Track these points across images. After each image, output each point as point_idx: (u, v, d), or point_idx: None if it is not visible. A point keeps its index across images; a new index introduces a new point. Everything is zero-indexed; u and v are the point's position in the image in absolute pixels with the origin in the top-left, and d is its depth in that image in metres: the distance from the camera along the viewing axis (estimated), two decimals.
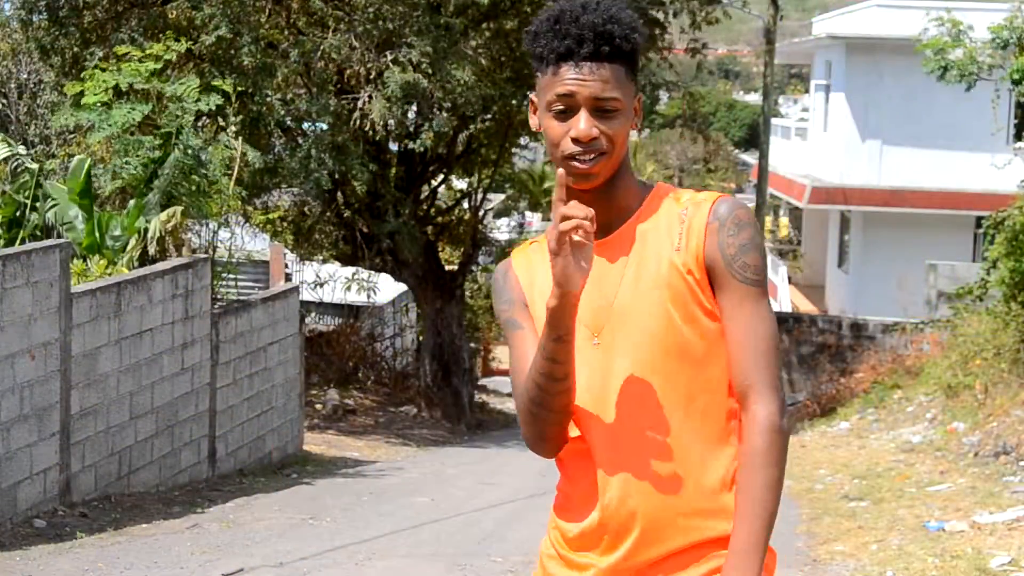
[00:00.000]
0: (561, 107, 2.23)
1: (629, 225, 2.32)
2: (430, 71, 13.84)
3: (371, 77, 14.32)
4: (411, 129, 15.23)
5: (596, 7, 2.23)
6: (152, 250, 9.59)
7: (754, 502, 2.21)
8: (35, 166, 10.25)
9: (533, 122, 2.35)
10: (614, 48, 2.21)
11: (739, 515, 2.22)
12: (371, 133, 14.68)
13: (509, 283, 2.43)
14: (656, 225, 2.31)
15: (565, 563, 2.36)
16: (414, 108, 14.89)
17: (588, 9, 2.23)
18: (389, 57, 13.95)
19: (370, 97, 14.08)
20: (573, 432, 2.33)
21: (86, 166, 9.95)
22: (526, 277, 2.42)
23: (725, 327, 2.27)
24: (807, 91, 37.22)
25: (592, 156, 2.22)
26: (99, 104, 10.40)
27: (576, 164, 2.23)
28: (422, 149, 15.29)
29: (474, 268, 20.92)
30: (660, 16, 17.63)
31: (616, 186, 2.31)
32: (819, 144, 26.70)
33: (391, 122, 14.38)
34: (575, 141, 2.22)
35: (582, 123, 2.21)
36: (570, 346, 2.21)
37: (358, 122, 14.22)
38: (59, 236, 9.57)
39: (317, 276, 18.74)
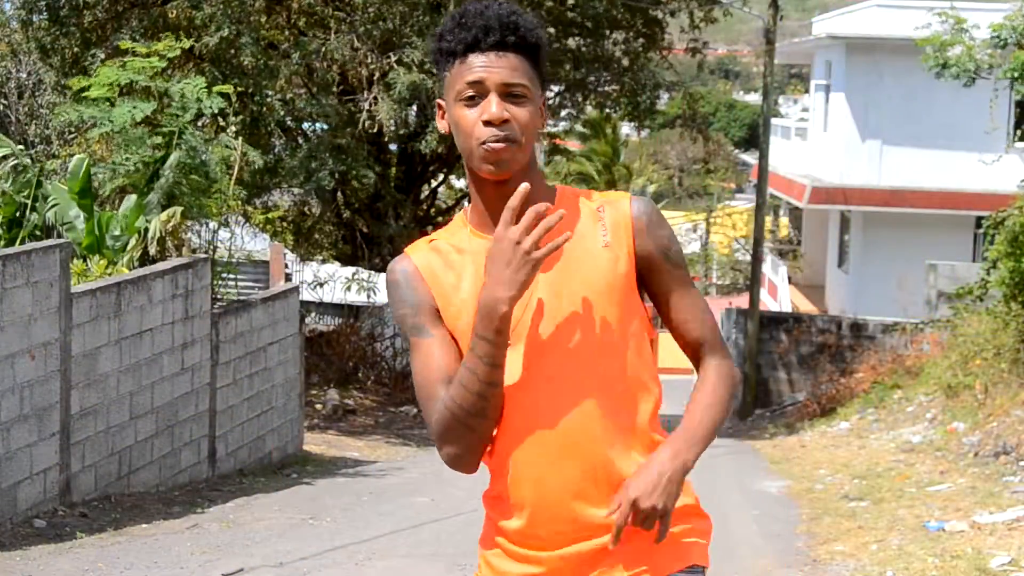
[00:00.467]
0: (471, 94, 2.27)
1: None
2: (433, 71, 13.85)
3: (375, 78, 14.32)
4: (412, 129, 15.24)
5: (500, 5, 2.31)
6: (152, 250, 9.59)
7: (703, 407, 2.35)
8: (35, 166, 10.25)
9: (441, 125, 2.39)
10: (519, 38, 2.28)
11: (688, 413, 2.35)
12: (377, 134, 14.70)
13: (413, 285, 2.36)
14: (573, 222, 2.34)
15: (511, 556, 2.36)
16: (413, 109, 14.89)
17: (491, 7, 2.30)
18: (393, 58, 13.96)
19: (375, 98, 14.09)
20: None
21: (85, 165, 9.95)
22: (435, 278, 2.36)
23: (671, 307, 2.39)
24: (807, 91, 37.23)
25: (504, 139, 2.25)
26: (102, 100, 10.40)
27: (489, 147, 2.25)
28: (427, 150, 15.30)
29: None
30: (659, 15, 17.64)
31: (529, 182, 2.28)
32: (819, 144, 26.70)
33: (395, 122, 14.39)
34: (487, 124, 2.25)
35: (493, 105, 2.25)
36: (507, 349, 2.23)
37: (366, 123, 14.22)
38: (59, 236, 9.57)
39: (317, 276, 18.73)
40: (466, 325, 2.30)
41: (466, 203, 2.59)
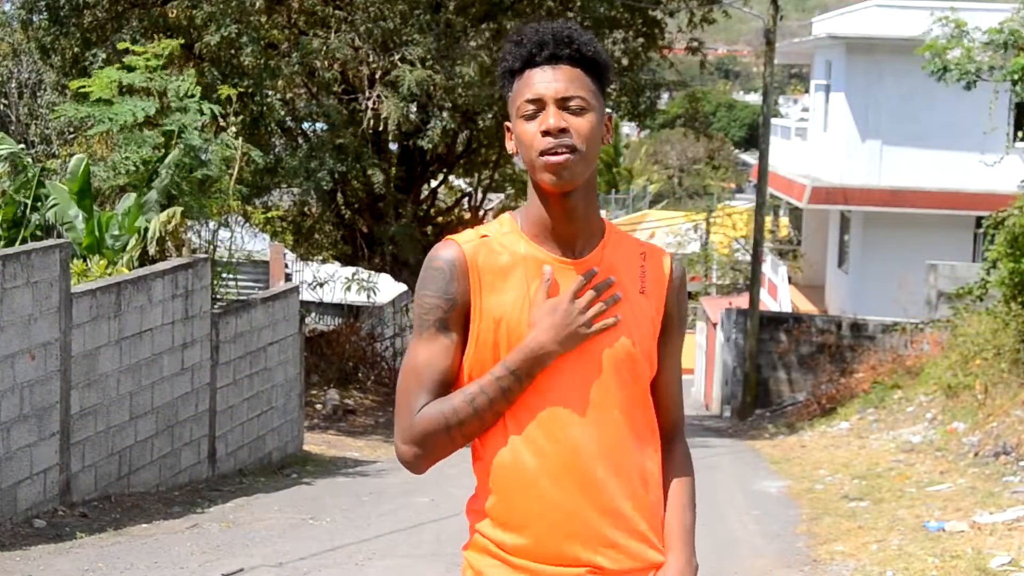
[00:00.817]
0: (531, 109, 2.30)
1: (597, 253, 2.38)
2: (437, 67, 13.86)
3: (377, 76, 14.32)
4: (413, 128, 15.23)
5: (556, 23, 2.37)
6: (152, 250, 9.58)
7: (684, 508, 2.43)
8: (36, 166, 10.25)
9: (509, 147, 2.40)
10: (573, 51, 2.31)
11: (674, 508, 2.43)
12: (376, 134, 14.69)
13: (456, 278, 2.35)
14: (622, 261, 2.41)
15: (510, 566, 2.37)
16: (414, 108, 14.89)
17: (548, 24, 2.36)
18: (396, 56, 13.96)
19: (379, 96, 14.08)
20: (508, 452, 2.34)
21: (85, 165, 9.95)
22: (478, 272, 2.34)
23: (663, 371, 2.46)
24: (807, 91, 37.23)
25: (565, 150, 2.27)
26: (101, 100, 10.40)
27: (549, 158, 2.27)
28: (430, 146, 15.30)
29: None
30: (658, 15, 17.65)
31: (590, 202, 2.37)
32: (819, 144, 26.70)
33: (399, 120, 14.38)
34: (545, 134, 2.27)
35: (551, 116, 2.28)
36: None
37: (371, 122, 14.22)
38: (59, 236, 9.57)
39: (316, 276, 18.73)
40: (500, 332, 2.32)
41: (504, 212, 2.59)
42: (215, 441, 10.13)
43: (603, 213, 2.64)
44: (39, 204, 9.96)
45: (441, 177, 19.41)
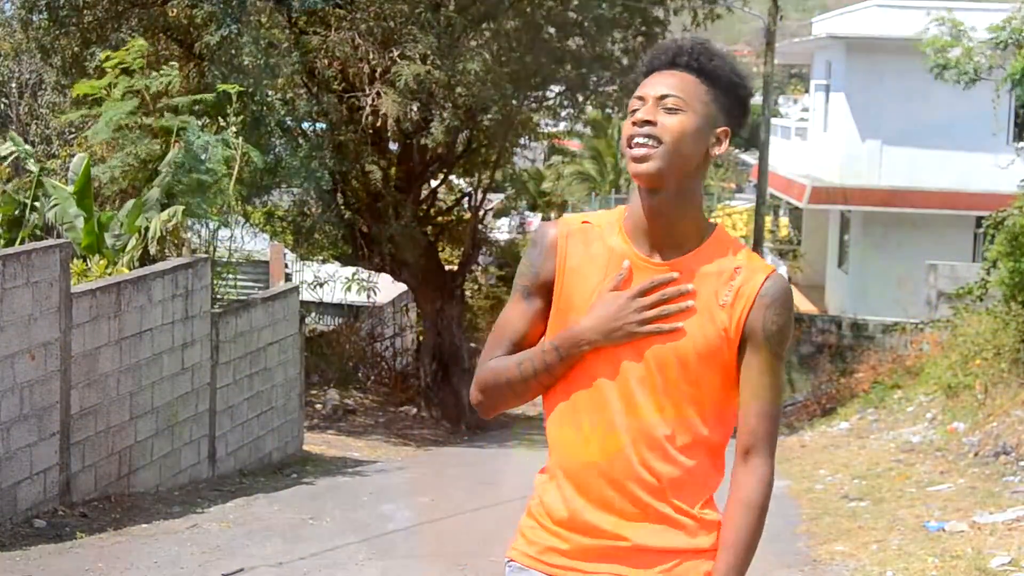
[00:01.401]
0: (635, 107, 2.41)
1: (689, 259, 2.44)
2: (439, 63, 13.85)
3: (377, 74, 14.32)
4: (414, 127, 15.22)
5: (690, 37, 2.51)
6: (152, 249, 9.58)
7: (738, 536, 2.44)
8: (36, 166, 10.25)
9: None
10: (692, 59, 2.42)
11: (725, 544, 2.44)
12: (377, 133, 14.67)
13: (548, 252, 2.51)
14: (711, 272, 2.44)
15: (551, 533, 2.49)
16: (415, 106, 14.88)
17: (682, 37, 2.52)
18: (396, 53, 13.96)
19: (378, 93, 14.07)
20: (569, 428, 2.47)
21: (85, 165, 9.95)
22: (566, 255, 2.49)
23: (743, 385, 2.46)
24: (807, 91, 37.22)
25: (647, 140, 2.35)
26: (97, 102, 10.41)
27: (633, 150, 2.37)
28: (432, 144, 15.28)
29: (474, 268, 20.90)
30: (660, 15, 17.63)
31: (684, 209, 2.43)
32: (819, 144, 26.69)
33: (399, 117, 14.36)
34: (632, 125, 2.38)
35: (642, 110, 2.39)
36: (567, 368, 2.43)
37: (369, 119, 14.21)
38: (59, 236, 9.56)
39: (317, 276, 18.72)
40: (570, 314, 2.46)
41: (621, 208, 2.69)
42: (215, 441, 10.13)
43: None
44: (39, 204, 9.97)
45: (441, 177, 19.39)
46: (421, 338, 19.51)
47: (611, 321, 2.37)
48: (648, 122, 2.36)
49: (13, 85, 18.05)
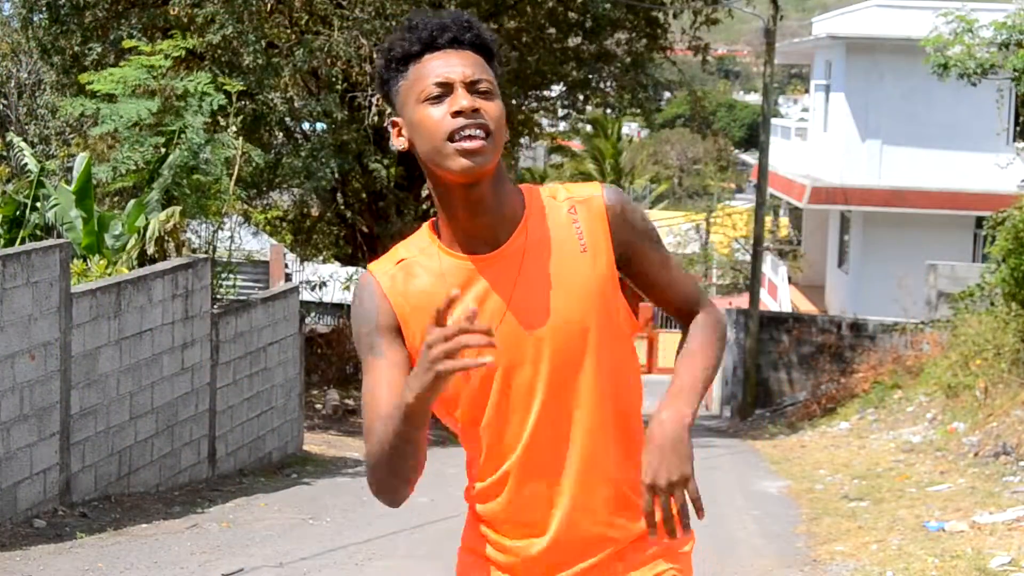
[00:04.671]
0: (436, 92, 2.16)
1: (517, 235, 2.23)
2: None
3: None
4: None
5: (450, 10, 2.30)
6: (151, 249, 9.58)
7: (693, 354, 2.32)
8: (36, 166, 10.26)
9: (398, 143, 2.24)
10: (475, 35, 2.21)
11: (680, 364, 2.31)
12: (376, 133, 14.68)
13: (375, 305, 2.23)
14: (551, 230, 2.25)
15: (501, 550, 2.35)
16: None
17: (443, 12, 2.27)
18: None
19: None
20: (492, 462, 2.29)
21: (85, 165, 9.95)
22: (400, 299, 2.23)
23: (653, 283, 2.35)
24: (807, 91, 37.23)
25: (479, 132, 2.13)
26: (105, 95, 10.39)
27: (464, 143, 2.12)
28: None
29: None
30: (661, 17, 17.65)
31: (498, 188, 2.21)
32: (819, 144, 26.69)
33: None
34: (457, 115, 2.13)
35: (461, 98, 2.14)
36: (427, 414, 2.09)
37: (375, 119, 14.22)
38: (59, 236, 9.57)
39: (318, 276, 18.73)
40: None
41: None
42: (215, 441, 10.13)
43: None
44: (39, 204, 9.97)
45: None
46: None
47: (419, 364, 1.99)
48: (476, 111, 2.13)
49: (12, 85, 18.05)
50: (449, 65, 2.17)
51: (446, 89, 2.16)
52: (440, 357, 1.96)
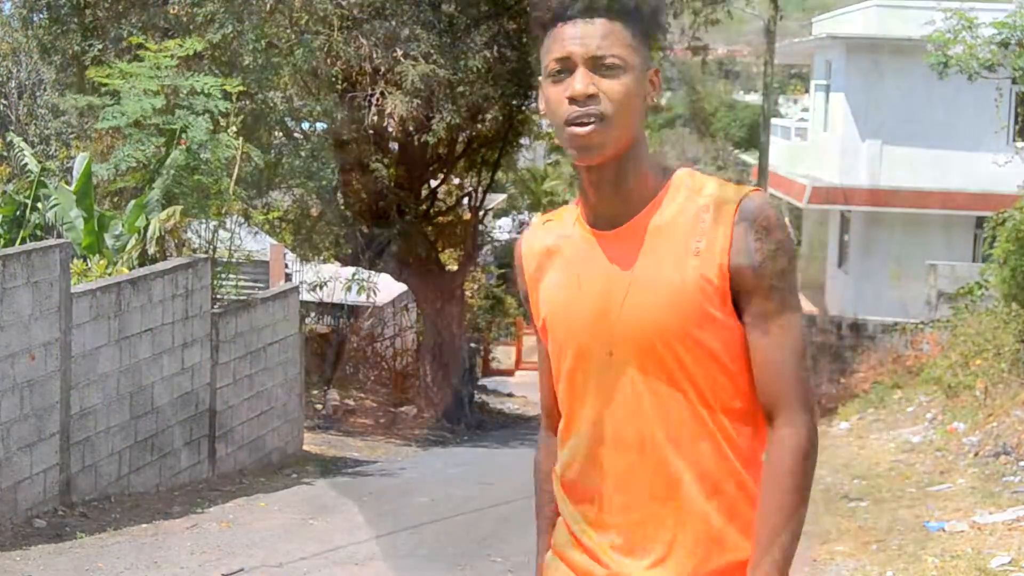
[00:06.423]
0: (558, 68, 2.07)
1: (642, 218, 2.12)
2: (441, 61, 13.87)
3: (381, 72, 14.33)
4: (418, 124, 15.23)
5: None
6: (151, 249, 9.58)
7: (772, 530, 2.07)
8: (36, 166, 10.26)
9: (541, 107, 2.17)
10: (611, 1, 2.05)
11: (758, 543, 2.08)
12: (377, 133, 14.68)
13: (519, 273, 2.31)
14: (674, 221, 2.11)
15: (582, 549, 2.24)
16: (415, 102, 14.89)
17: None
18: (400, 52, 13.97)
19: (382, 93, 14.08)
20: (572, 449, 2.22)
21: (86, 164, 9.95)
22: (531, 262, 2.26)
23: (749, 339, 2.12)
24: (807, 91, 37.22)
25: (591, 120, 2.04)
26: (114, 92, 10.39)
27: (574, 130, 2.05)
28: (434, 140, 15.30)
29: (474, 268, 20.91)
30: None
31: (627, 170, 2.11)
32: (819, 144, 26.69)
33: (404, 116, 14.37)
34: (571, 101, 2.04)
35: (578, 81, 2.04)
36: None
37: (376, 118, 14.22)
38: (59, 236, 9.57)
39: (318, 276, 18.73)
40: (546, 317, 2.22)
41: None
42: (215, 441, 10.13)
43: None
44: (39, 204, 9.97)
45: (441, 177, 19.40)
46: (421, 338, 19.52)
47: None
48: (592, 96, 2.03)
49: (12, 85, 18.05)
50: (573, 38, 2.05)
51: (567, 65, 2.06)
52: None
